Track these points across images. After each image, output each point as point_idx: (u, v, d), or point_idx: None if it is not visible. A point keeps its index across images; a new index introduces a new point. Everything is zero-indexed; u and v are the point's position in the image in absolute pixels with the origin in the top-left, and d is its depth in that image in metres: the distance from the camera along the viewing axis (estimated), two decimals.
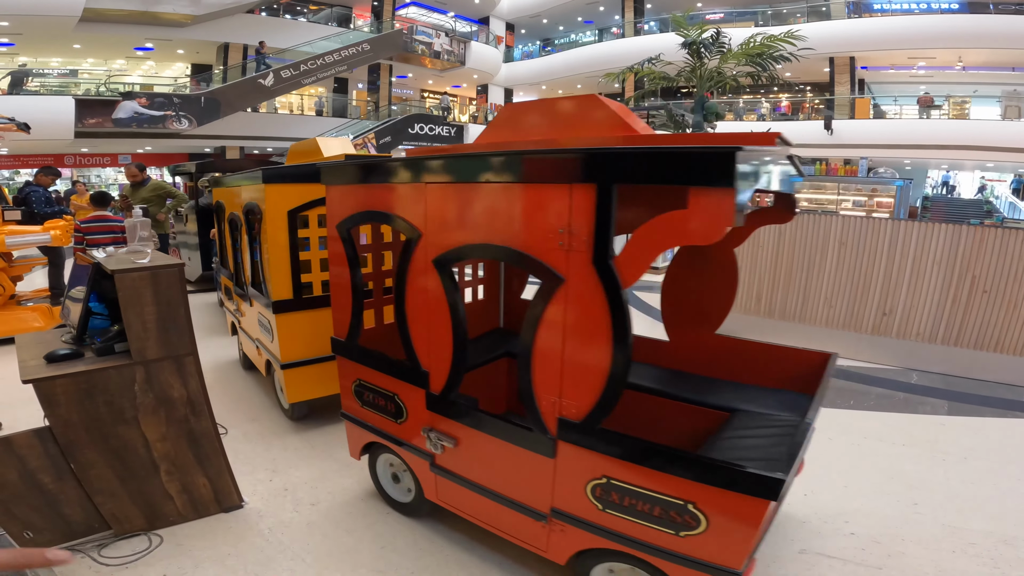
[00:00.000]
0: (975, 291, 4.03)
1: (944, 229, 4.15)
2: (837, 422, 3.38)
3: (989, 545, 2.23)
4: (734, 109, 19.43)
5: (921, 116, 16.81)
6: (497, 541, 2.13)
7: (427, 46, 20.72)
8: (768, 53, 5.30)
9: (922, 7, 17.04)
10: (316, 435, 3.13)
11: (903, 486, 2.68)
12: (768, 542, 2.23)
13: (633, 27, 20.77)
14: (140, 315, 2.08)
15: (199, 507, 2.32)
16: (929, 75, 18.50)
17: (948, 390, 3.93)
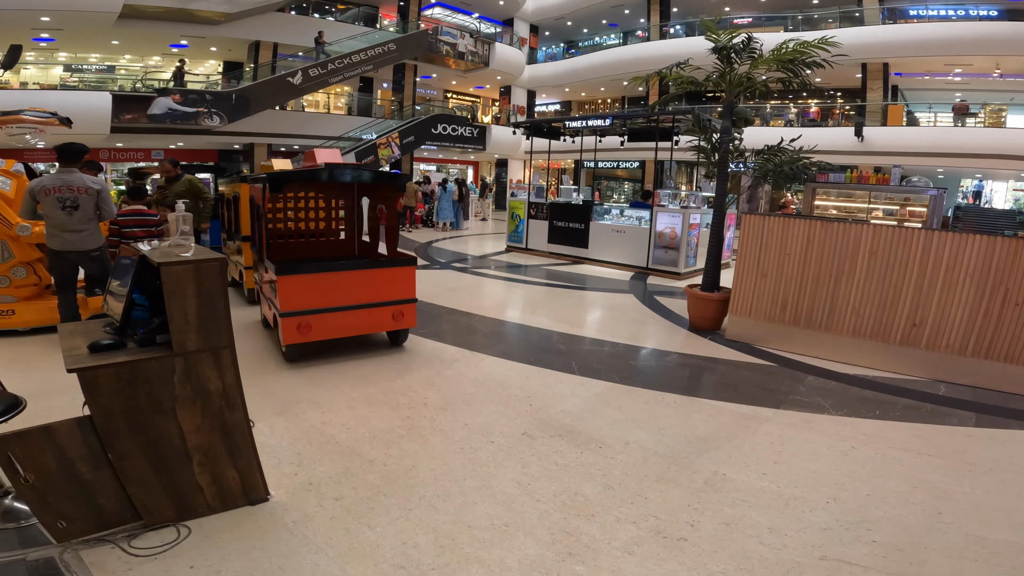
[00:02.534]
0: (1008, 304, 3.94)
1: (978, 240, 4.05)
2: (862, 431, 3.34)
3: (1012, 555, 2.21)
4: (761, 114, 19.15)
5: (956, 124, 16.42)
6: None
7: (451, 47, 20.82)
8: (801, 59, 5.23)
9: (959, 13, 16.62)
10: (340, 431, 3.20)
11: (928, 496, 2.64)
12: (788, 547, 2.23)
13: (659, 30, 20.61)
14: (182, 307, 2.14)
15: (227, 499, 2.37)
16: (965, 82, 18.01)
17: (976, 402, 3.85)
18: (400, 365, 4.35)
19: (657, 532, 2.32)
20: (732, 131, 5.63)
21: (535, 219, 10.94)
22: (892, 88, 17.90)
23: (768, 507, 2.52)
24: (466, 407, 3.59)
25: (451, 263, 9.78)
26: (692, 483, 2.72)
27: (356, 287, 4.29)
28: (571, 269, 9.48)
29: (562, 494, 2.60)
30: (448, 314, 6.07)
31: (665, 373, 4.50)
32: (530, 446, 3.08)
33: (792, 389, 4.05)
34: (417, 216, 16.09)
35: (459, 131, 21.03)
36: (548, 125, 11.94)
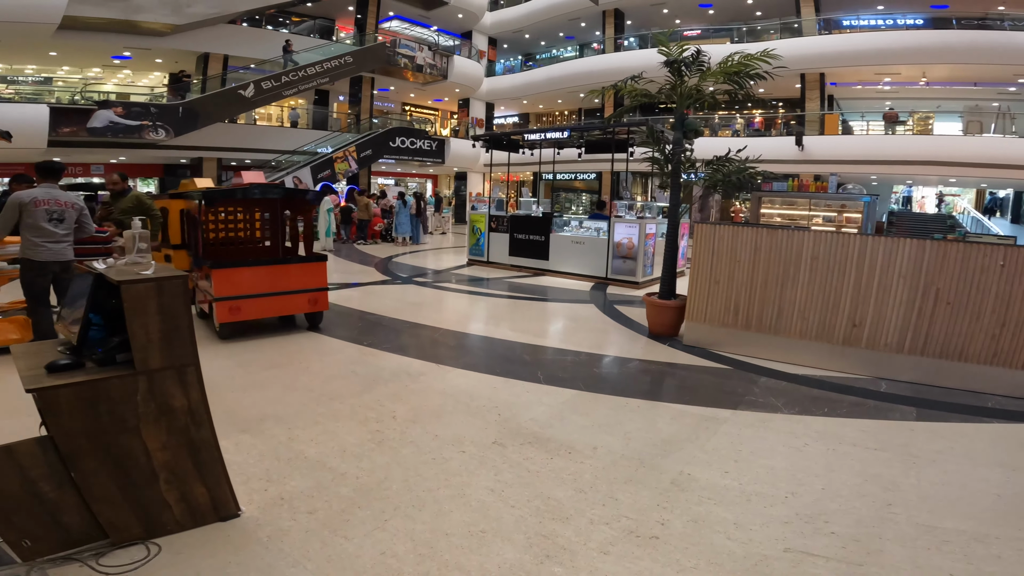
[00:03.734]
0: (939, 303, 4.25)
1: (909, 244, 4.36)
2: (814, 429, 3.52)
3: (962, 543, 2.33)
4: (710, 125, 19.81)
5: (887, 132, 17.22)
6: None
7: (410, 59, 20.82)
8: (745, 71, 5.50)
9: (888, 23, 17.46)
10: (309, 447, 3.17)
11: (878, 488, 2.80)
12: (754, 541, 2.33)
13: (613, 43, 21.14)
14: (144, 325, 2.11)
15: (197, 516, 2.33)
16: (895, 91, 18.97)
17: (916, 397, 4.10)
18: (367, 380, 4.32)
19: (630, 532, 2.39)
20: (683, 142, 5.86)
21: (496, 232, 11.02)
22: (828, 98, 18.68)
23: (732, 503, 2.63)
24: (435, 419, 3.60)
25: (412, 278, 9.74)
26: (659, 483, 2.81)
27: (276, 278, 5.38)
28: (533, 281, 9.59)
29: (536, 499, 2.65)
30: (412, 328, 6.05)
31: (628, 379, 4.63)
32: (501, 454, 3.12)
33: (747, 390, 4.22)
34: (376, 231, 15.92)
35: (417, 144, 20.99)
36: (507, 138, 12.09)
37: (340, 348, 5.22)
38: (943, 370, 4.29)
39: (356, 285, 8.80)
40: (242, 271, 5.18)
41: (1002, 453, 3.23)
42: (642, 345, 5.57)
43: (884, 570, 2.15)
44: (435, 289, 8.69)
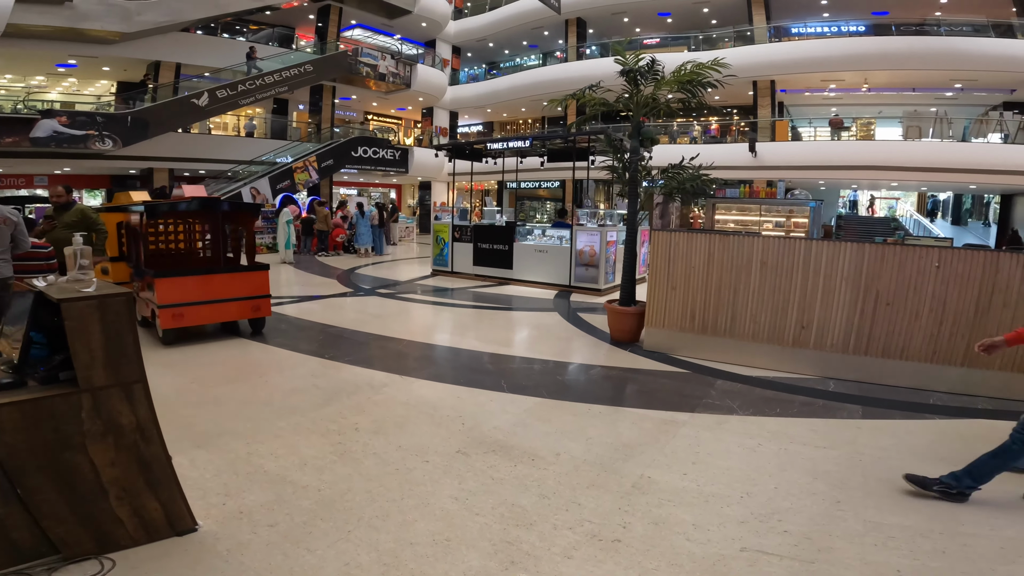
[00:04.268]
0: (879, 304, 4.46)
1: (849, 247, 4.58)
2: (767, 429, 3.64)
3: (907, 538, 2.42)
4: (669, 132, 20.21)
5: (833, 138, 17.78)
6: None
7: (372, 68, 20.67)
8: (697, 80, 5.67)
9: (833, 30, 18.08)
10: (268, 460, 3.11)
11: (827, 486, 2.89)
12: (712, 541, 2.39)
13: (576, 51, 21.39)
14: (87, 344, 2.07)
15: (151, 531, 2.29)
16: (839, 97, 19.64)
17: (862, 396, 4.29)
18: (328, 393, 4.26)
19: (593, 536, 2.42)
20: (640, 150, 6.00)
21: (460, 242, 11.02)
22: (779, 105, 19.24)
23: (691, 505, 2.69)
24: (398, 430, 3.59)
25: (375, 289, 9.65)
26: (621, 487, 2.86)
27: (218, 286, 5.59)
28: (497, 290, 9.62)
29: (500, 506, 2.67)
30: (375, 340, 6.00)
31: (590, 386, 4.70)
32: (465, 463, 3.13)
33: (704, 393, 4.35)
34: (338, 243, 15.68)
35: (380, 154, 20.83)
36: (470, 147, 12.14)
37: (301, 361, 5.14)
38: (886, 369, 4.50)
39: (317, 298, 8.67)
40: (185, 280, 5.43)
41: (943, 448, 3.38)
42: (604, 352, 5.66)
43: (834, 567, 2.21)
44: (399, 300, 8.63)
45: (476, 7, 24.67)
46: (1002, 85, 17.04)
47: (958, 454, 3.21)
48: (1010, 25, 15.77)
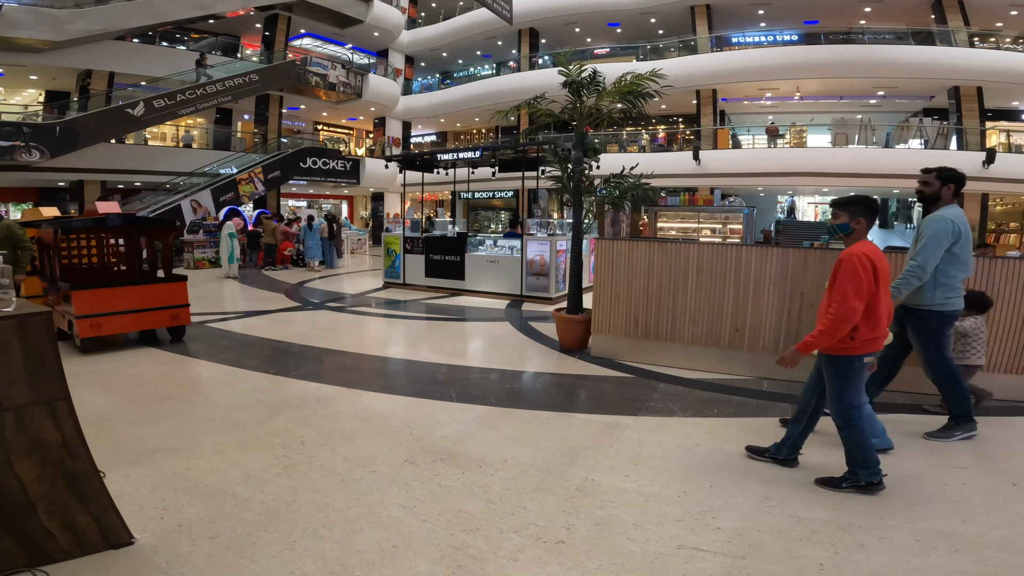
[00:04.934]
0: (804, 305, 4.71)
1: (775, 252, 4.84)
2: (704, 429, 3.78)
3: (829, 532, 2.53)
4: (619, 141, 20.64)
5: (769, 145, 18.43)
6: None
7: (322, 78, 20.40)
8: (637, 90, 5.85)
9: (769, 40, 18.86)
10: (209, 475, 3.06)
11: (758, 482, 3.02)
12: (651, 540, 2.46)
13: (528, 61, 21.65)
14: (8, 363, 2.07)
15: (85, 544, 2.28)
16: (775, 105, 20.44)
17: (792, 395, 4.39)
18: (273, 408, 4.20)
19: (538, 538, 2.49)
20: (584, 160, 6.16)
21: (411, 254, 10.99)
22: (720, 113, 19.83)
23: (632, 505, 2.78)
24: (346, 441, 3.58)
25: (325, 303, 9.50)
26: (566, 490, 2.93)
27: (134, 297, 5.88)
28: (449, 302, 9.65)
29: (447, 512, 2.71)
30: (323, 354, 5.93)
31: (539, 393, 4.80)
32: (413, 471, 3.16)
33: (648, 397, 4.50)
34: (287, 256, 15.31)
35: (330, 165, 20.53)
36: (420, 158, 12.14)
37: (243, 377, 5.03)
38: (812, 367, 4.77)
39: (263, 313, 8.47)
40: (102, 291, 5.67)
41: None
42: (553, 359, 5.78)
43: (763, 562, 2.30)
44: (349, 314, 8.53)
45: (430, 17, 24.74)
46: (922, 92, 18.04)
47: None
48: (929, 32, 16.65)
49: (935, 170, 3.76)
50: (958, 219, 3.59)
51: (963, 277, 3.64)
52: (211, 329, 7.10)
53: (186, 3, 15.55)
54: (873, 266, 2.79)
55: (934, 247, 3.52)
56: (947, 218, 3.57)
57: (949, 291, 3.59)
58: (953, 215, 3.59)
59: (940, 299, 3.59)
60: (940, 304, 3.60)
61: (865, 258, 2.78)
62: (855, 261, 2.78)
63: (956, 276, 3.60)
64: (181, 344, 6.23)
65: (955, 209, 3.68)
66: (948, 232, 3.53)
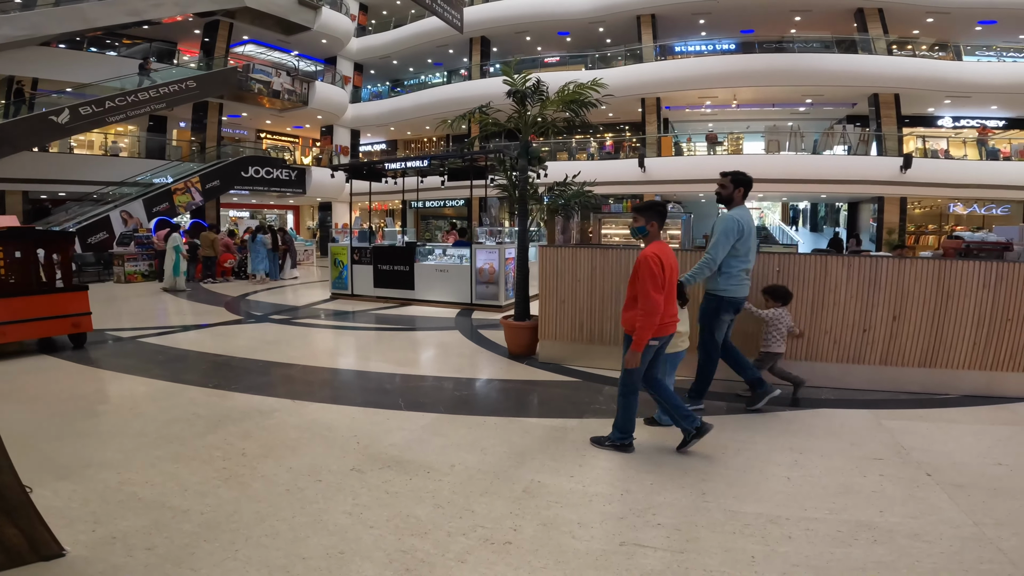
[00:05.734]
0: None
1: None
2: (646, 430, 3.91)
3: (760, 525, 2.63)
4: (568, 149, 20.89)
5: (709, 152, 19.03)
6: None
7: (266, 85, 19.87)
8: (579, 99, 5.98)
9: (709, 49, 19.56)
10: (144, 488, 2.97)
11: (695, 479, 3.15)
12: (595, 538, 2.54)
13: (479, 69, 21.71)
14: None
15: (13, 556, 2.24)
16: (714, 113, 21.21)
17: (724, 392, 4.70)
18: (212, 421, 4.08)
19: (485, 540, 2.52)
20: (531, 169, 6.26)
21: (359, 264, 10.84)
22: (664, 121, 20.38)
23: (576, 505, 2.85)
24: (290, 452, 3.53)
25: (269, 315, 9.24)
26: (512, 493, 2.98)
27: (35, 306, 6.10)
28: (399, 312, 9.57)
29: (395, 518, 2.72)
30: (267, 367, 5.78)
31: (487, 399, 4.84)
32: (360, 479, 3.14)
33: (593, 400, 4.61)
34: (227, 268, 14.76)
35: (274, 174, 19.98)
36: (368, 167, 12.03)
37: (179, 392, 4.86)
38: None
39: (202, 327, 8.16)
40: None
41: (791, 438, 3.75)
42: (501, 366, 5.84)
43: (700, 556, 2.38)
44: (294, 326, 8.34)
45: (380, 25, 24.50)
46: (845, 99, 19.00)
47: (803, 443, 3.63)
48: (852, 41, 17.50)
49: (730, 174, 4.26)
50: (743, 218, 4.12)
51: (743, 268, 4.15)
52: (145, 344, 6.79)
53: (118, 8, 14.80)
54: (661, 263, 3.29)
55: (723, 242, 4.05)
56: (734, 217, 4.09)
57: (731, 280, 4.14)
58: (739, 215, 4.13)
59: (723, 286, 4.15)
60: (723, 290, 4.16)
61: (656, 257, 3.29)
62: (650, 261, 3.27)
63: (737, 267, 4.13)
64: (113, 359, 5.95)
65: (743, 210, 4.22)
66: (734, 229, 4.06)
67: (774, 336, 4.51)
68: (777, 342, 4.51)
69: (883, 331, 4.71)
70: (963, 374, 4.62)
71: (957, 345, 4.60)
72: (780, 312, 4.52)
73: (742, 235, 4.07)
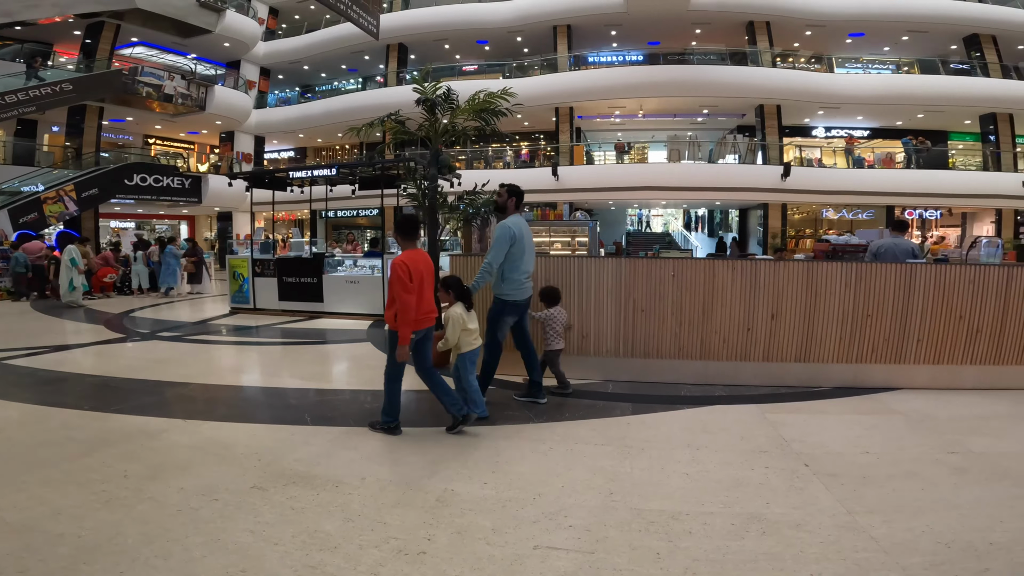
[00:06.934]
0: (636, 311, 5.23)
1: (610, 263, 5.32)
2: (556, 433, 3.98)
3: (663, 522, 2.71)
4: (485, 157, 21.08)
5: (618, 161, 19.92)
6: None
7: (156, 88, 18.49)
8: (489, 108, 6.06)
9: (619, 59, 20.44)
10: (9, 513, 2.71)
11: (603, 480, 3.21)
12: (509, 543, 2.55)
13: (396, 76, 21.39)
14: None
15: None
16: (623, 123, 22.14)
17: (632, 394, 4.91)
18: (89, 444, 3.73)
19: (399, 551, 2.47)
20: (445, 177, 6.26)
21: (262, 277, 10.29)
22: (576, 130, 21.00)
23: (490, 511, 2.85)
24: (180, 472, 3.30)
25: (157, 332, 8.53)
26: (426, 502, 2.95)
27: None
28: (307, 325, 9.17)
29: (302, 534, 2.61)
30: (155, 387, 5.33)
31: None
32: (262, 497, 3.00)
33: (505, 406, 4.63)
34: (107, 283, 13.44)
35: (164, 182, 18.56)
36: (270, 175, 11.47)
37: (50, 415, 4.39)
38: (648, 367, 5.26)
39: (77, 347, 7.41)
40: None
41: (689, 435, 3.90)
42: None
43: (609, 554, 2.43)
44: (188, 343, 7.75)
45: (292, 29, 23.59)
46: (736, 110, 20.43)
47: (700, 440, 3.83)
48: (744, 53, 18.87)
49: (506, 186, 4.65)
50: (516, 226, 4.39)
51: (522, 273, 4.43)
52: (9, 367, 6.06)
53: None
54: (409, 269, 3.70)
55: (499, 249, 4.31)
56: (508, 225, 4.35)
57: (512, 284, 4.40)
58: (513, 223, 4.39)
59: (505, 291, 4.40)
60: (505, 295, 4.41)
61: (403, 264, 3.70)
62: (397, 269, 3.69)
63: (513, 272, 4.39)
64: None
65: (516, 218, 4.50)
66: (508, 236, 4.31)
67: (552, 335, 4.87)
68: (556, 340, 4.88)
69: (764, 329, 5.15)
70: (833, 367, 5.14)
71: (826, 340, 5.12)
72: (553, 312, 4.88)
73: (515, 241, 4.32)
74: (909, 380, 5.05)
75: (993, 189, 17.81)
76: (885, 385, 5.08)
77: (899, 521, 2.72)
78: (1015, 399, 4.74)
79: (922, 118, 19.97)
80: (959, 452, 3.61)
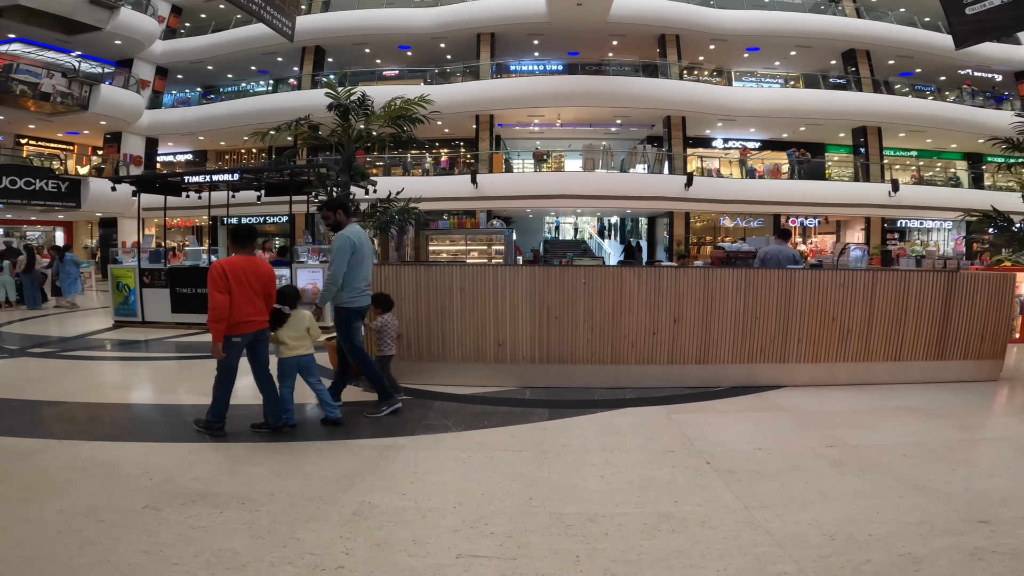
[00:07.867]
0: (551, 318, 5.36)
1: (524, 271, 5.42)
2: (475, 441, 3.99)
3: (581, 524, 2.74)
4: (403, 164, 20.70)
5: (536, 169, 20.24)
6: None
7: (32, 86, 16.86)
8: (405, 115, 6.00)
9: (540, 68, 20.77)
10: None
11: (522, 485, 3.21)
12: (431, 553, 2.52)
13: (311, 80, 20.60)
14: None
15: None
16: (542, 132, 22.54)
17: (549, 399, 5.02)
18: None
19: (315, 567, 2.38)
20: (359, 184, 6.11)
21: (152, 287, 9.48)
22: (496, 138, 21.11)
23: (410, 522, 2.81)
24: (58, 494, 3.02)
25: (28, 348, 7.62)
26: (342, 516, 2.86)
27: None
28: (205, 338, 8.54)
29: (205, 552, 2.46)
30: (25, 406, 4.78)
31: (312, 424, 4.52)
32: (156, 516, 2.80)
33: (424, 416, 4.59)
34: None
35: (36, 185, 16.74)
36: (163, 179, 10.64)
37: None
38: (563, 373, 5.41)
39: None
40: None
41: (603, 438, 4.00)
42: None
43: (531, 560, 2.45)
44: (65, 359, 6.99)
45: (197, 28, 22.08)
46: (647, 120, 21.32)
47: (612, 442, 3.95)
48: (655, 65, 19.72)
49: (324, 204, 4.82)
50: (355, 235, 4.52)
51: (361, 280, 4.57)
52: None
53: None
54: (224, 271, 3.82)
55: (340, 259, 4.42)
56: (346, 235, 4.48)
57: (352, 292, 4.52)
58: (352, 232, 4.53)
59: (346, 299, 4.52)
60: (347, 302, 4.52)
61: (220, 268, 3.83)
62: (213, 272, 3.83)
63: (353, 280, 4.51)
64: None
65: (355, 227, 4.63)
66: (348, 246, 4.45)
67: (386, 341, 5.00)
68: (389, 346, 5.00)
69: (667, 333, 5.46)
70: (729, 368, 5.53)
71: (721, 342, 5.50)
72: (386, 319, 5.01)
73: (355, 250, 4.45)
74: (793, 378, 5.54)
75: (863, 199, 19.70)
76: (773, 383, 5.52)
77: (789, 515, 2.90)
78: (882, 393, 5.28)
79: (804, 131, 21.79)
80: (837, 445, 3.94)
